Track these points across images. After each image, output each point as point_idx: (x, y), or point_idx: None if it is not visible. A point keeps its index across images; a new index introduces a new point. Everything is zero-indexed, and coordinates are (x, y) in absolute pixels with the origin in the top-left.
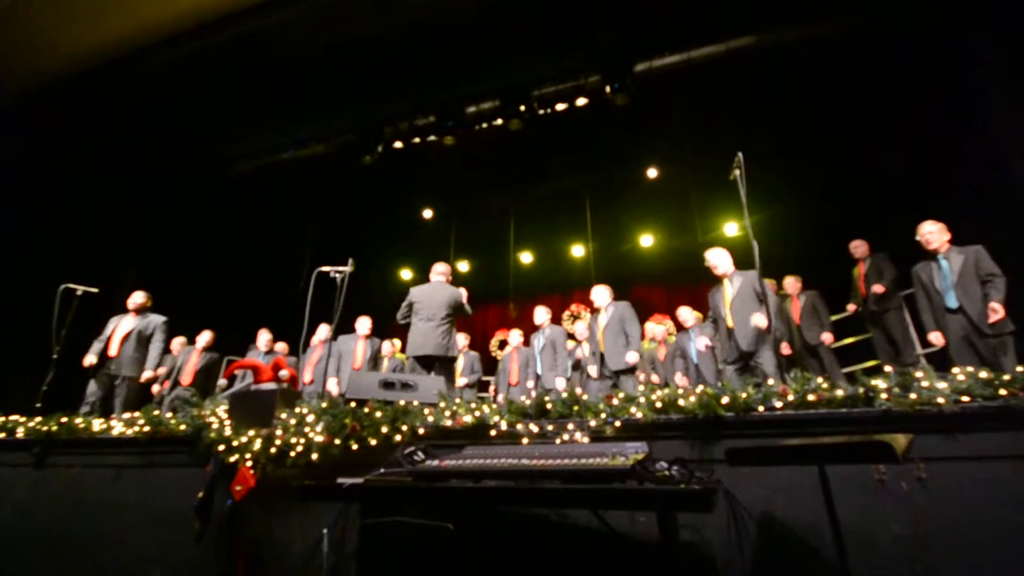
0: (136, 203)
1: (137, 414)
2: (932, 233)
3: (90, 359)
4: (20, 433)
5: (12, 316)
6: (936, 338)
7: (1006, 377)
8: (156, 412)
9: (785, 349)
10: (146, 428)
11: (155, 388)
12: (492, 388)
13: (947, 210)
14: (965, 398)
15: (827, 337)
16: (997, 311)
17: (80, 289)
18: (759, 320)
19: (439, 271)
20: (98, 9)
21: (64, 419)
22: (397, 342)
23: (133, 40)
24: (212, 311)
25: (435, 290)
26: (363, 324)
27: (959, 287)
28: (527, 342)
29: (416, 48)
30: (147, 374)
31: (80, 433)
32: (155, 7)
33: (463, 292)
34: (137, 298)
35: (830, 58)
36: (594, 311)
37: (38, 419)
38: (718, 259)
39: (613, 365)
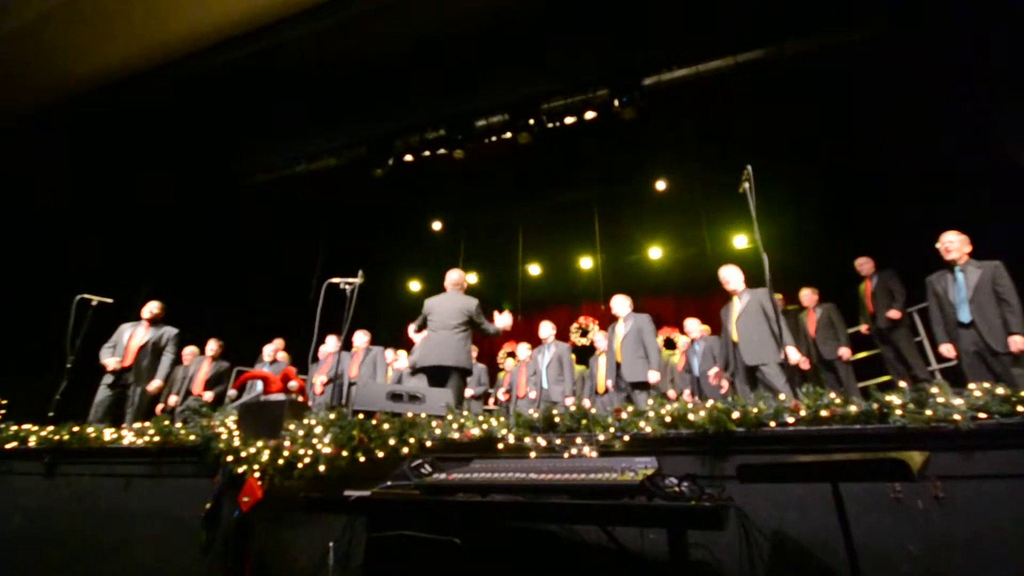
0: (151, 215)
1: (147, 424)
2: (953, 243)
3: (114, 362)
4: (32, 442)
5: (26, 326)
6: (948, 350)
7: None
8: (166, 422)
9: (804, 363)
10: (156, 438)
11: (171, 400)
12: (492, 400)
13: (962, 220)
14: (982, 415)
15: (844, 352)
16: (1019, 344)
17: (95, 299)
18: (792, 355)
19: (452, 280)
20: (116, 27)
21: (75, 428)
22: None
23: (154, 56)
24: (224, 322)
25: (448, 300)
26: (359, 337)
27: (974, 302)
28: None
29: (426, 63)
30: (156, 384)
31: (91, 442)
32: (173, 26)
33: (475, 302)
34: (152, 308)
35: (840, 69)
36: (612, 320)
37: (50, 428)
38: (730, 275)
39: (630, 376)
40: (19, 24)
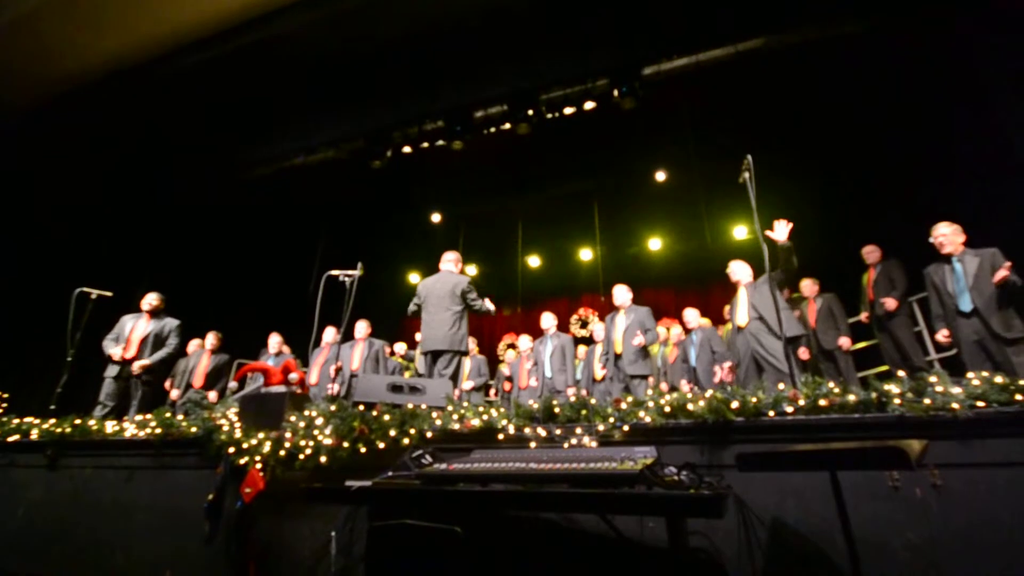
0: (150, 208)
1: (149, 416)
2: (946, 236)
3: (119, 351)
4: (34, 435)
5: (27, 319)
6: (944, 335)
7: (1022, 382)
8: (168, 414)
9: (804, 353)
10: (158, 430)
11: (172, 393)
12: (493, 390)
13: (962, 211)
14: (980, 403)
15: (844, 341)
16: (1006, 272)
17: (95, 293)
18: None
19: (448, 259)
20: (116, 18)
21: (77, 421)
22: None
23: (150, 48)
24: (223, 314)
25: (441, 279)
26: (360, 327)
27: (975, 289)
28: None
29: (425, 54)
30: (143, 361)
31: (93, 435)
32: (170, 17)
33: (465, 279)
34: (151, 300)
35: (841, 59)
36: (613, 310)
37: (52, 421)
38: (736, 269)
39: (629, 369)
40: (12, 18)
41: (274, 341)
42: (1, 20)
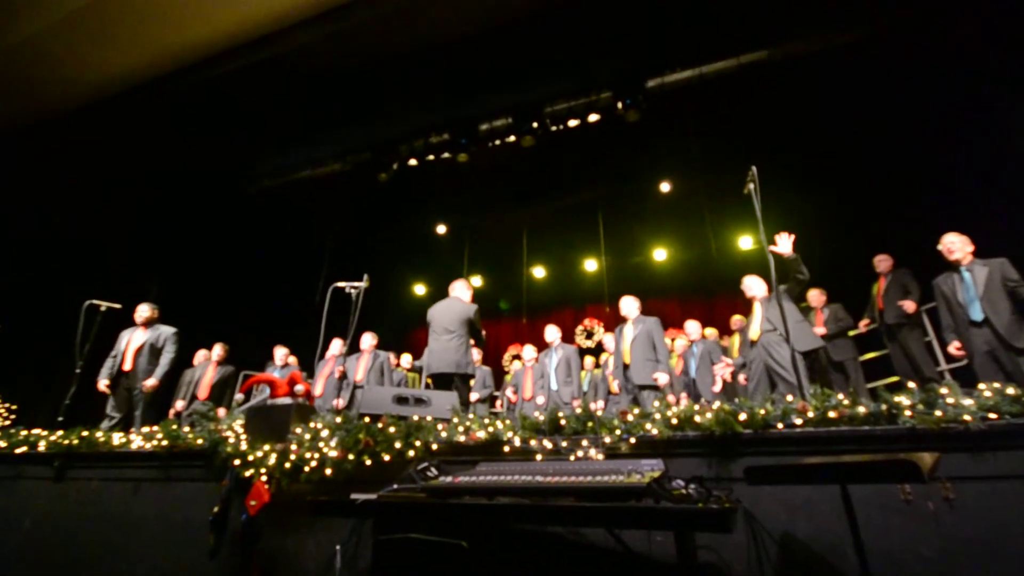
0: (158, 220)
1: (155, 428)
2: (955, 243)
3: (104, 381)
4: (42, 447)
5: (36, 332)
6: (955, 348)
7: None
8: (174, 426)
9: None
10: (164, 442)
11: (177, 405)
12: (499, 402)
13: (968, 220)
14: (992, 415)
15: (819, 329)
16: None
17: (104, 305)
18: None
19: (458, 286)
20: (125, 36)
21: (85, 433)
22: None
23: (161, 65)
24: (230, 326)
25: (447, 306)
26: (365, 339)
27: (985, 299)
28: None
29: (430, 68)
30: (151, 382)
31: (100, 447)
32: (177, 37)
33: (474, 308)
34: (143, 311)
35: (844, 69)
36: (619, 321)
37: (59, 433)
38: (750, 283)
39: (638, 379)
40: (26, 36)
41: (280, 353)
42: (13, 37)
